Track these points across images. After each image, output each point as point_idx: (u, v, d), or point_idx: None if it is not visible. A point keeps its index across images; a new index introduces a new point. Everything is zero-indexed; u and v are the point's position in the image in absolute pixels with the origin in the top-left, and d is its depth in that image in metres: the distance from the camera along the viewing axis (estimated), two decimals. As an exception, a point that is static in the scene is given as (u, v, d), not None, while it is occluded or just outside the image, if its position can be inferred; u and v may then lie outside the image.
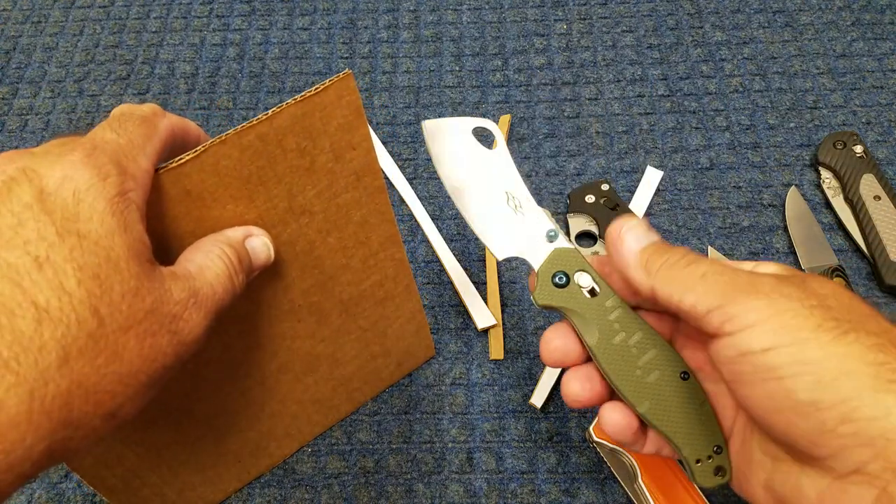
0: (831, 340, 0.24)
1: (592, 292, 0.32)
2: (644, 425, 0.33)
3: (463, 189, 0.35)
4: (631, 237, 0.31)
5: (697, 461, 0.31)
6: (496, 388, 0.46)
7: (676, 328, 0.34)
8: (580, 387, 0.33)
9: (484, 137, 0.36)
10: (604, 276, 0.33)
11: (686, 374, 0.31)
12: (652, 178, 0.54)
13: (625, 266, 0.31)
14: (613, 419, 0.32)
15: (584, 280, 0.33)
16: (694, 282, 0.28)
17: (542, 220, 0.34)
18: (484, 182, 0.35)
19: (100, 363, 0.22)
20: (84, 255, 0.22)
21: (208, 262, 0.27)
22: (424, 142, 0.35)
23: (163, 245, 0.28)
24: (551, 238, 0.34)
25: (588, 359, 0.33)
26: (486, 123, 0.36)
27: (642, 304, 0.33)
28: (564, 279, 0.33)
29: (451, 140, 0.36)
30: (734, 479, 0.31)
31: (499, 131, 0.36)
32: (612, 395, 0.33)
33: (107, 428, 0.23)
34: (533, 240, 0.34)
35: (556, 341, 0.33)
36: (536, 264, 0.33)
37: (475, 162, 0.35)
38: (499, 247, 0.34)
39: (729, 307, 0.26)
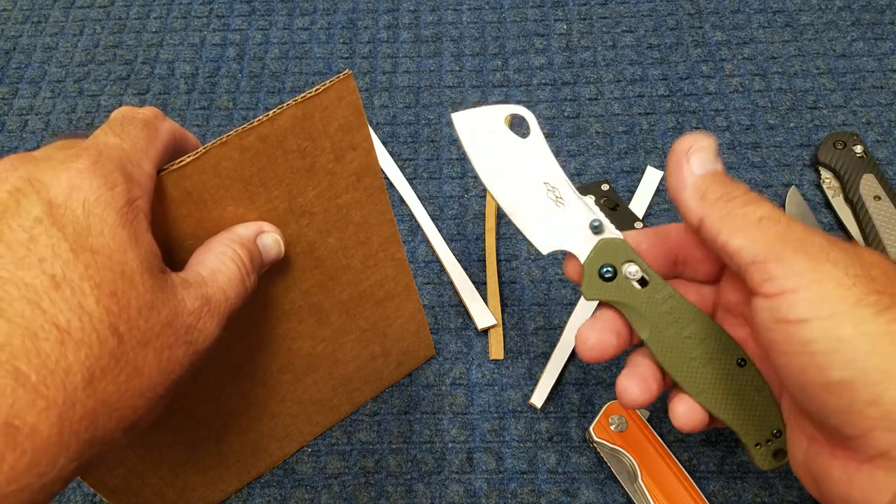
0: (869, 318, 0.24)
1: (642, 282, 0.31)
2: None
3: (500, 183, 0.34)
4: (696, 160, 0.29)
5: (757, 445, 0.31)
6: (496, 388, 0.46)
7: (717, 302, 0.33)
8: (639, 390, 0.31)
9: (517, 125, 0.34)
10: (640, 252, 0.32)
11: (743, 361, 0.31)
12: (652, 178, 0.54)
13: (680, 189, 0.29)
14: (686, 414, 0.31)
15: (632, 270, 0.31)
16: (747, 224, 0.27)
17: (585, 211, 0.33)
18: (521, 174, 0.34)
19: (122, 380, 0.22)
20: (100, 272, 0.21)
21: (220, 266, 0.27)
22: (456, 135, 0.34)
23: (164, 247, 0.28)
24: (596, 229, 0.32)
25: (626, 347, 0.33)
26: (520, 110, 0.34)
27: (682, 273, 0.33)
28: (612, 272, 0.31)
29: (483, 133, 0.34)
30: None
31: (533, 118, 0.34)
32: (664, 385, 0.33)
33: (126, 440, 0.23)
34: (576, 231, 0.32)
35: (593, 338, 0.32)
36: (582, 257, 0.32)
37: (510, 153, 0.34)
38: (541, 241, 0.33)
39: (772, 265, 0.25)
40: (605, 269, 0.32)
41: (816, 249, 0.26)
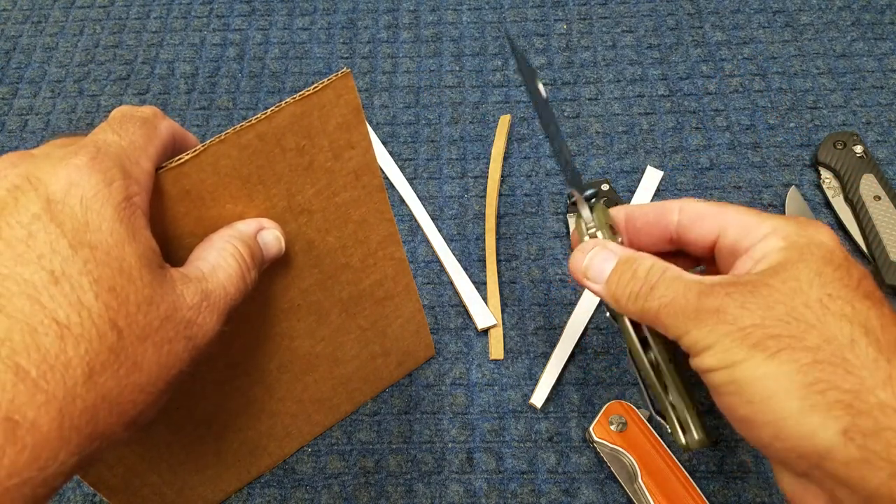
0: (764, 361, 0.25)
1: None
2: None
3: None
4: (593, 272, 0.33)
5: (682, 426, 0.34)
6: (496, 388, 0.46)
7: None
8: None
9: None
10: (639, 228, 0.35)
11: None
12: (652, 178, 0.54)
13: (611, 302, 0.32)
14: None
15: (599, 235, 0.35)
16: (659, 308, 0.29)
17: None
18: None
19: (122, 375, 0.22)
20: (98, 268, 0.22)
21: (221, 262, 0.27)
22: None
23: (162, 245, 0.28)
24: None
25: None
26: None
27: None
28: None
29: None
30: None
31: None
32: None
33: (127, 435, 0.23)
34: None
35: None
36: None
37: None
38: None
39: (688, 336, 0.28)
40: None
41: (715, 305, 0.27)
